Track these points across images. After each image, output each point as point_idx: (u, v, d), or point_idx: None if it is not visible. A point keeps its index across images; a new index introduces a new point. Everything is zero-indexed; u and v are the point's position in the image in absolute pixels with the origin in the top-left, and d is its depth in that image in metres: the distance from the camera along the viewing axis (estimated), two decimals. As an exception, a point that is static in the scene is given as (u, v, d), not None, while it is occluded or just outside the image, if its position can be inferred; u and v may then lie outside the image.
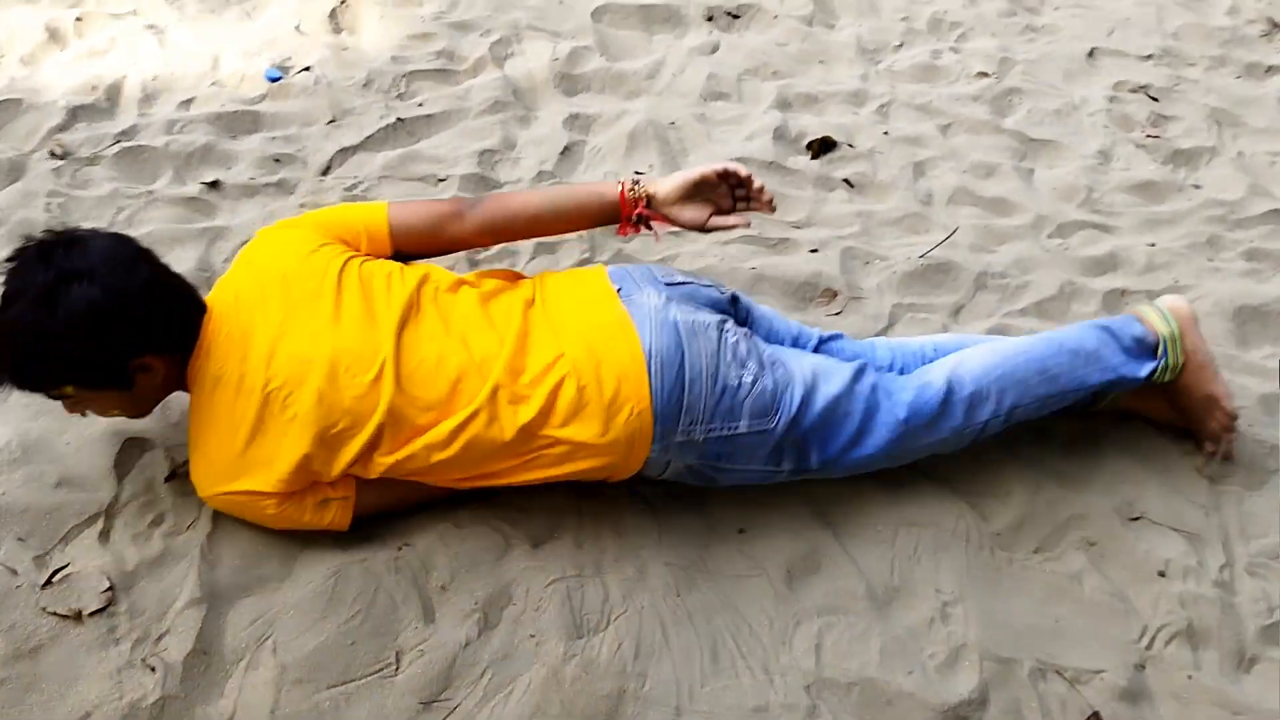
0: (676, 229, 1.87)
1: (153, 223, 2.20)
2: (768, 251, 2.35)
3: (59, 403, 1.65)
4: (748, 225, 1.86)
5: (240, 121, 2.49)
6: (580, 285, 1.78)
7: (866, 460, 1.79)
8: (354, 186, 2.35)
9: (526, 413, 1.63)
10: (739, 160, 2.54)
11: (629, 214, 1.82)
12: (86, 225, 2.18)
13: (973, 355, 1.89)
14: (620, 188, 1.81)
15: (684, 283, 1.82)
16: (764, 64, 2.89)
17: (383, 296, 1.68)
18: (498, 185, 2.41)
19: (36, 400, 1.83)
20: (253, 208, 2.29)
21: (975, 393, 1.83)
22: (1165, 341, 1.91)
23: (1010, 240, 2.44)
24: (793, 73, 2.88)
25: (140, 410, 1.71)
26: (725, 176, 1.80)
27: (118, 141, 2.38)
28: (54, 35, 2.66)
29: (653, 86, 2.77)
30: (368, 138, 2.48)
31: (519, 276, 1.84)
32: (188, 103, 2.52)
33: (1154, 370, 1.91)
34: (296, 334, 1.62)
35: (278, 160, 2.39)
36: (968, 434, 1.84)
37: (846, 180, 2.57)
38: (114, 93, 2.52)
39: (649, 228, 1.84)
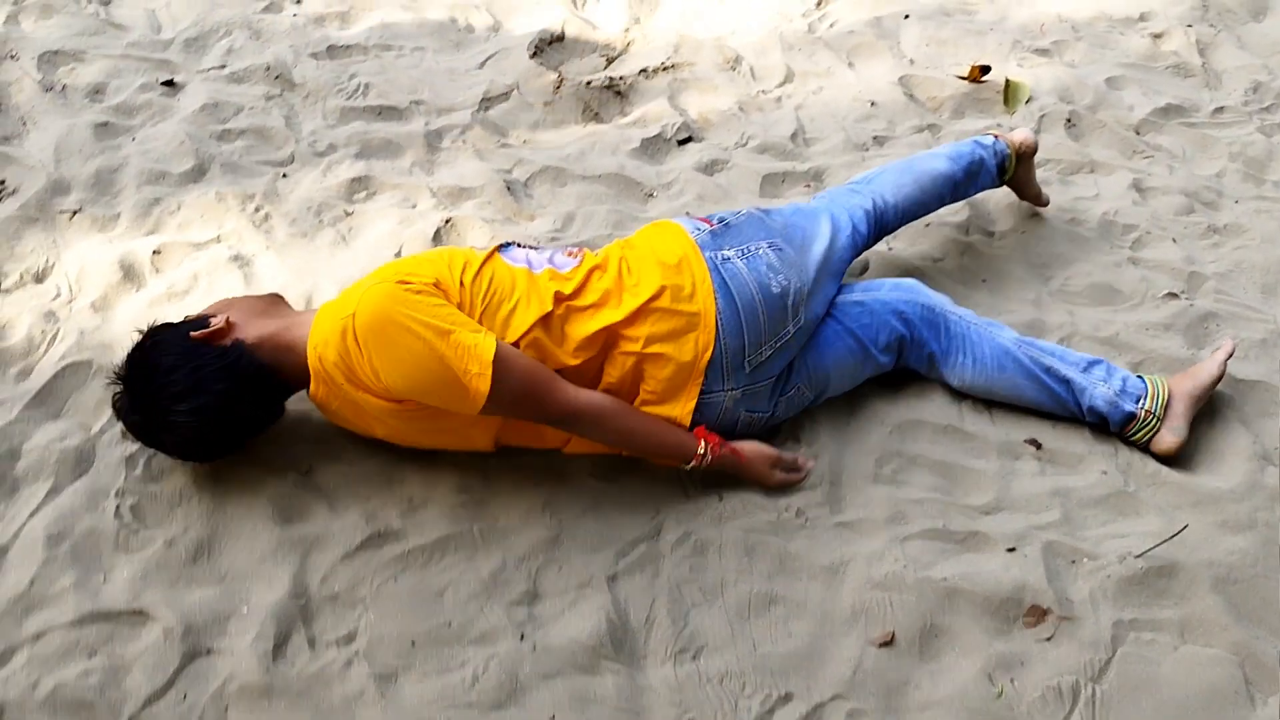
0: None
1: (237, 537, 1.89)
2: (956, 550, 1.97)
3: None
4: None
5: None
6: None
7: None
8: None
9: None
10: (910, 420, 2.18)
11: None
12: (160, 532, 1.88)
13: (971, 380, 2.25)
14: (691, 467, 1.99)
15: (768, 357, 2.07)
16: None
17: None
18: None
19: None
20: (353, 503, 1.96)
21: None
22: (1149, 418, 2.19)
23: (1244, 529, 2.04)
24: (963, 299, 2.51)
25: None
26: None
27: (198, 415, 2.08)
28: (129, 273, 2.37)
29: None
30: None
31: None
32: (277, 358, 2.21)
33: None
34: (408, 438, 2.01)
35: (381, 435, 2.07)
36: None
37: (1034, 442, 2.20)
38: (195, 349, 2.22)
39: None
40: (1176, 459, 2.20)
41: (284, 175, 2.71)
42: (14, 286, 2.36)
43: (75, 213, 2.54)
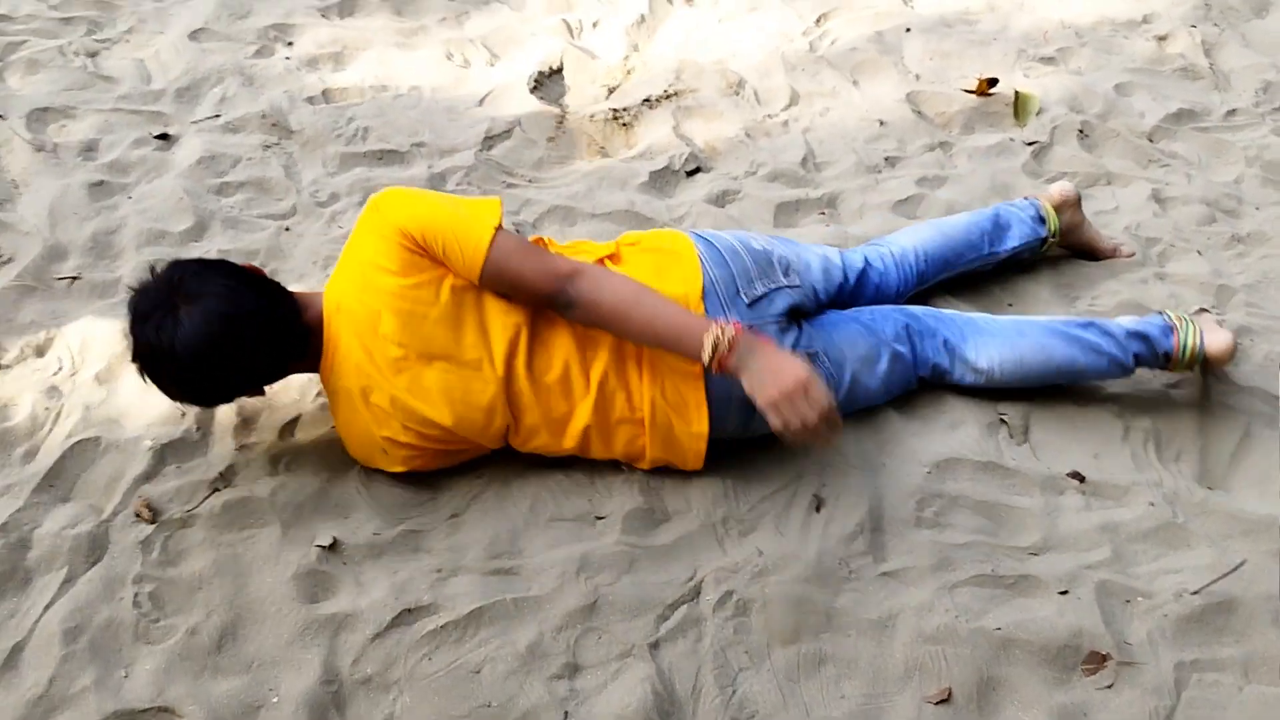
0: None
1: (262, 620, 1.81)
2: (1006, 596, 1.90)
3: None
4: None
5: (353, 448, 2.10)
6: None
7: None
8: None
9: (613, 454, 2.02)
10: (948, 458, 2.12)
11: (710, 368, 1.86)
12: (182, 620, 1.81)
13: (998, 355, 2.19)
14: (710, 348, 1.81)
15: (765, 294, 2.04)
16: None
17: (497, 324, 1.91)
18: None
19: None
20: (381, 576, 1.89)
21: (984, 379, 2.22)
22: (1181, 361, 2.21)
23: (1299, 555, 1.98)
24: (982, 324, 2.46)
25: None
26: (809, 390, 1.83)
27: (214, 491, 1.99)
28: (133, 342, 2.30)
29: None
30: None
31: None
32: (292, 424, 2.14)
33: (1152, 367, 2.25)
34: (418, 373, 1.89)
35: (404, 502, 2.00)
36: None
37: (1077, 475, 2.13)
38: (206, 419, 2.13)
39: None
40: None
41: (287, 229, 2.63)
42: (14, 361, 2.27)
43: (74, 279, 2.46)
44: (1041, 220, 2.54)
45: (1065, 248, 2.63)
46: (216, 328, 1.79)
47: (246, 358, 1.86)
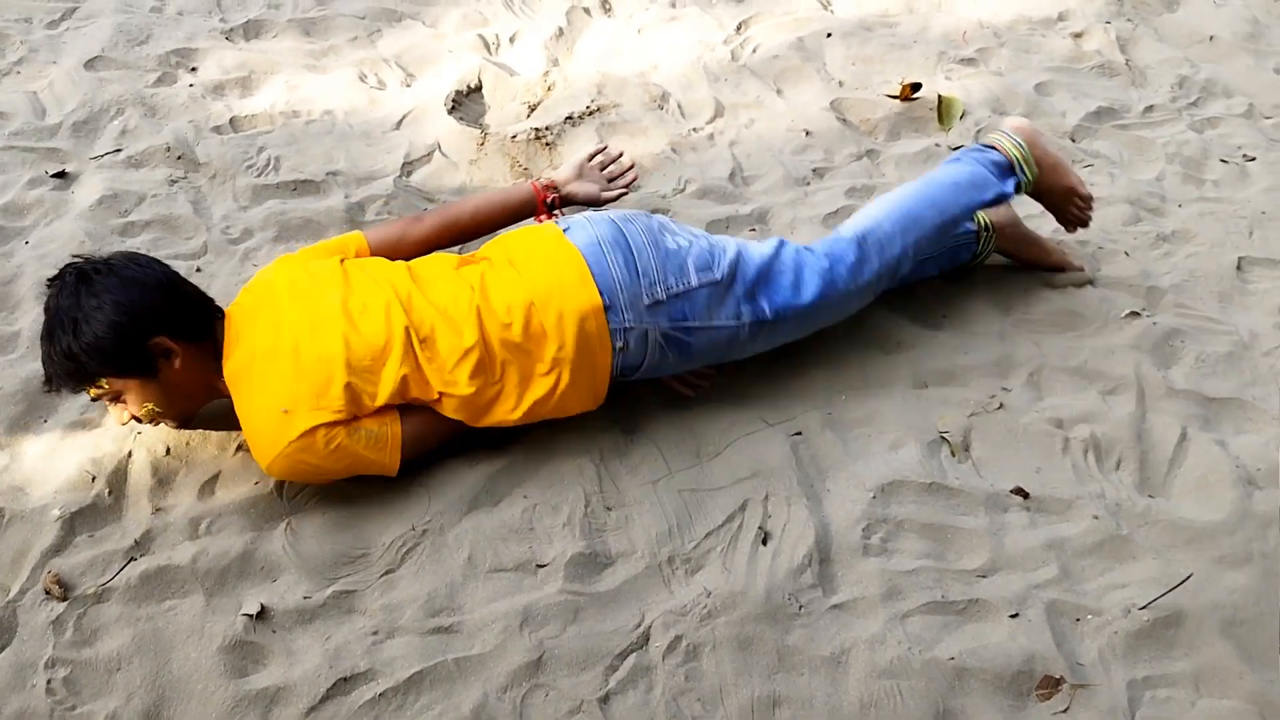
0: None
1: (188, 699, 1.70)
2: (958, 622, 1.88)
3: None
4: (629, 191, 2.59)
5: (276, 505, 2.00)
6: (532, 232, 2.20)
7: (812, 309, 2.22)
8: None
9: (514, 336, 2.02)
10: (891, 481, 2.09)
11: (544, 199, 2.42)
12: (100, 706, 1.70)
13: (871, 209, 2.34)
14: (532, 184, 2.44)
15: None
16: (882, 330, 2.45)
17: (378, 271, 2.11)
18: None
19: None
20: (313, 643, 1.79)
21: (882, 235, 2.28)
22: (1019, 161, 2.42)
23: (1242, 564, 1.98)
24: (926, 339, 2.43)
25: (176, 408, 2.04)
26: (594, 156, 2.53)
27: (130, 561, 1.88)
28: (34, 401, 2.16)
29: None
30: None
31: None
32: (211, 482, 2.03)
33: (1018, 184, 2.43)
34: (313, 302, 2.01)
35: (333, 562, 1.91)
36: (886, 274, 2.30)
37: (1020, 491, 2.11)
38: (118, 481, 2.01)
39: (560, 210, 2.44)
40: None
41: (198, 269, 2.50)
42: (-93, 429, 2.14)
43: (-31, 336, 2.32)
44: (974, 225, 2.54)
45: (1004, 253, 2.63)
46: (147, 259, 2.02)
47: (174, 281, 2.02)
